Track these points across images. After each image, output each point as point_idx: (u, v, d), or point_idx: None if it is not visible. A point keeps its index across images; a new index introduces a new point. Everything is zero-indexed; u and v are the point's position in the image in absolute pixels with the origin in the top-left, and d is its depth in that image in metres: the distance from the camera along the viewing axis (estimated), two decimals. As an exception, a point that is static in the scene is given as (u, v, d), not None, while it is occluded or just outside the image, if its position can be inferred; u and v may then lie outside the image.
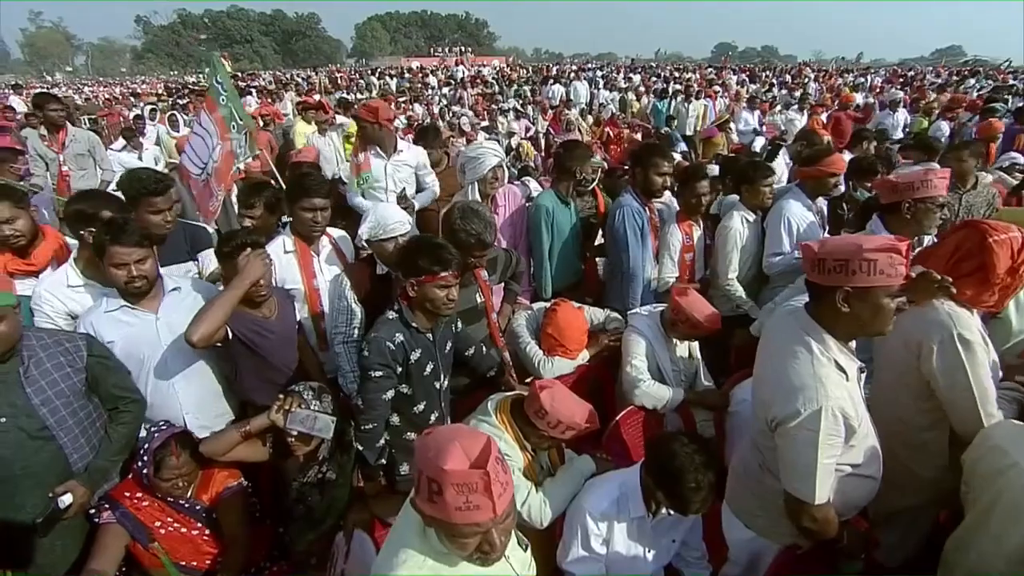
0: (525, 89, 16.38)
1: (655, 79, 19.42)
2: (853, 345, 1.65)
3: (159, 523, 2.02)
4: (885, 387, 2.00)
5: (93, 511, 1.99)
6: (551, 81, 16.46)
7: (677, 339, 2.69)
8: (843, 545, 1.68)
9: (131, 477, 2.06)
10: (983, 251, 1.83)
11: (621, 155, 6.87)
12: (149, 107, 10.56)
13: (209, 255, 2.84)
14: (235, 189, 3.81)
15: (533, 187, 4.27)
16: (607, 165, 5.24)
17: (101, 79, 46.06)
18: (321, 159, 5.90)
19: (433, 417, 2.28)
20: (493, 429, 2.00)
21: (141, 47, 71.22)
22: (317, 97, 11.47)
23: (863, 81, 17.66)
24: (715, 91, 13.69)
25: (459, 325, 2.40)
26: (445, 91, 16.62)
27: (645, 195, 3.14)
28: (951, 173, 2.68)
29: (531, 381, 2.48)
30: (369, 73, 22.99)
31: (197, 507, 2.08)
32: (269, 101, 12.29)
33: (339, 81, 20.18)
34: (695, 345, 2.81)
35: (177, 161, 6.62)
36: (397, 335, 2.05)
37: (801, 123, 8.22)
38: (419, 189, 3.84)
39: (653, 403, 2.51)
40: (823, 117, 8.99)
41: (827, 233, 3.38)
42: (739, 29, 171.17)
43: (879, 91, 15.67)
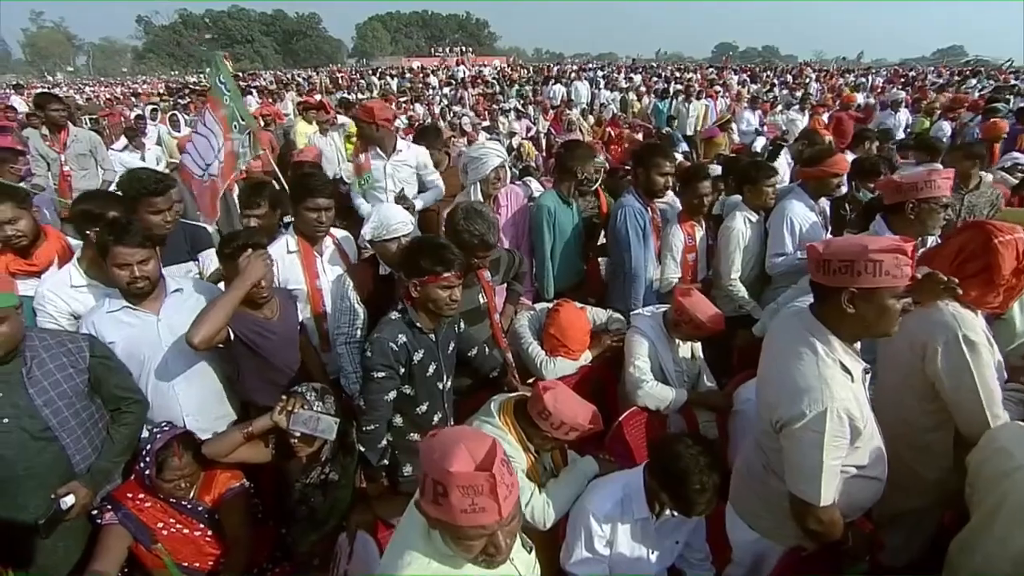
0: (526, 89, 16.37)
1: (656, 79, 19.41)
2: (858, 346, 1.65)
3: (161, 524, 2.01)
4: (889, 388, 2.00)
5: (95, 512, 1.98)
6: (552, 81, 16.46)
7: (680, 340, 2.68)
8: (848, 547, 1.68)
9: (133, 478, 2.05)
10: (988, 252, 1.83)
11: (622, 155, 6.86)
12: (150, 107, 10.56)
13: (210, 255, 2.84)
14: (236, 189, 3.80)
15: (535, 187, 4.26)
16: (608, 165, 5.23)
17: (102, 79, 46.11)
18: (322, 159, 5.91)
19: (436, 418, 2.27)
20: (496, 430, 2.00)
21: (142, 47, 71.26)
22: (318, 97, 11.48)
23: (864, 81, 17.62)
24: (716, 91, 13.68)
25: (462, 325, 2.40)
26: (446, 91, 16.61)
27: (647, 195, 3.13)
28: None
29: (533, 382, 2.48)
30: (370, 73, 23.02)
31: (199, 508, 2.08)
32: (270, 101, 12.30)
33: (340, 81, 20.20)
34: (698, 346, 2.81)
35: (178, 161, 6.66)
36: (400, 336, 2.05)
37: (802, 123, 8.19)
38: (423, 189, 3.84)
39: (656, 404, 2.51)
40: (824, 117, 8.98)
41: (829, 234, 3.38)
42: (739, 29, 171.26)
43: (880, 91, 15.65)
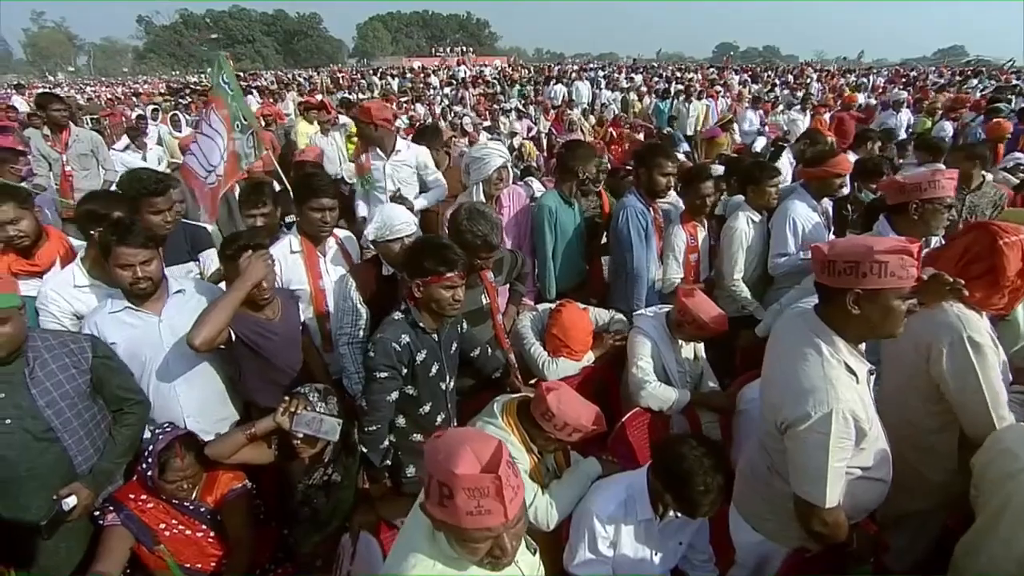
0: (528, 89, 16.36)
1: (657, 79, 19.40)
2: (863, 347, 1.64)
3: (164, 525, 2.01)
4: (894, 390, 1.99)
5: (97, 513, 1.98)
6: (553, 81, 16.46)
7: (683, 340, 2.67)
8: (852, 549, 1.67)
9: (135, 479, 2.05)
10: (993, 253, 1.82)
11: (623, 155, 6.86)
12: (151, 107, 10.56)
13: (210, 255, 2.84)
14: (236, 189, 3.79)
15: (536, 187, 4.26)
16: (609, 165, 5.22)
17: (103, 79, 46.17)
18: (324, 159, 5.91)
19: (439, 419, 2.27)
20: (499, 431, 1.99)
21: (143, 47, 71.32)
22: (319, 97, 11.48)
23: (865, 81, 17.59)
24: (716, 91, 13.68)
25: (464, 326, 2.39)
26: (447, 91, 16.59)
27: (649, 195, 3.12)
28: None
29: (536, 383, 2.47)
30: (371, 73, 23.01)
31: (202, 509, 2.08)
32: (271, 101, 12.30)
33: (341, 81, 20.19)
34: (700, 346, 2.80)
35: (179, 161, 6.65)
36: (403, 336, 2.04)
37: (804, 123, 8.17)
38: (424, 189, 3.83)
39: (659, 404, 2.50)
40: (826, 117, 8.97)
41: (832, 234, 3.37)
42: (740, 29, 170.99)
43: (882, 91, 15.64)
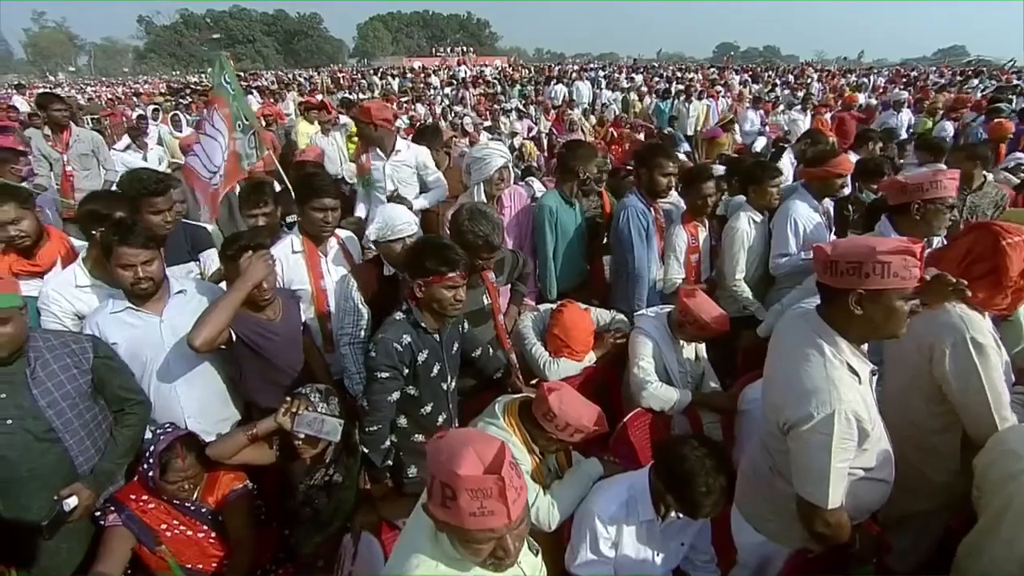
0: (528, 89, 16.35)
1: (658, 79, 19.39)
2: (865, 348, 1.64)
3: (165, 526, 2.01)
4: (896, 390, 1.99)
5: (99, 513, 1.98)
6: (554, 81, 16.46)
7: (684, 340, 2.67)
8: (855, 549, 1.66)
9: (137, 479, 2.05)
10: (996, 254, 1.82)
11: (623, 155, 6.85)
12: (152, 107, 10.56)
13: (211, 255, 2.83)
14: (236, 189, 3.79)
15: (537, 187, 4.25)
16: (610, 165, 5.22)
17: (104, 79, 46.18)
18: (325, 159, 5.91)
19: (441, 419, 2.27)
20: (501, 432, 1.99)
21: (143, 47, 71.38)
22: (320, 97, 11.48)
23: (866, 81, 17.57)
24: (717, 91, 13.67)
25: (466, 326, 2.39)
26: (447, 91, 16.59)
27: (650, 196, 3.12)
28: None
29: (537, 383, 2.47)
30: (371, 73, 23.01)
31: (203, 510, 2.08)
32: (271, 101, 12.30)
33: (341, 81, 20.19)
34: (702, 347, 2.80)
35: (179, 161, 6.65)
36: (405, 336, 2.04)
37: (804, 123, 8.16)
38: (424, 189, 3.83)
39: (661, 405, 2.50)
40: (827, 117, 8.96)
41: (833, 234, 3.36)
42: (740, 29, 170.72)
43: (882, 91, 15.63)
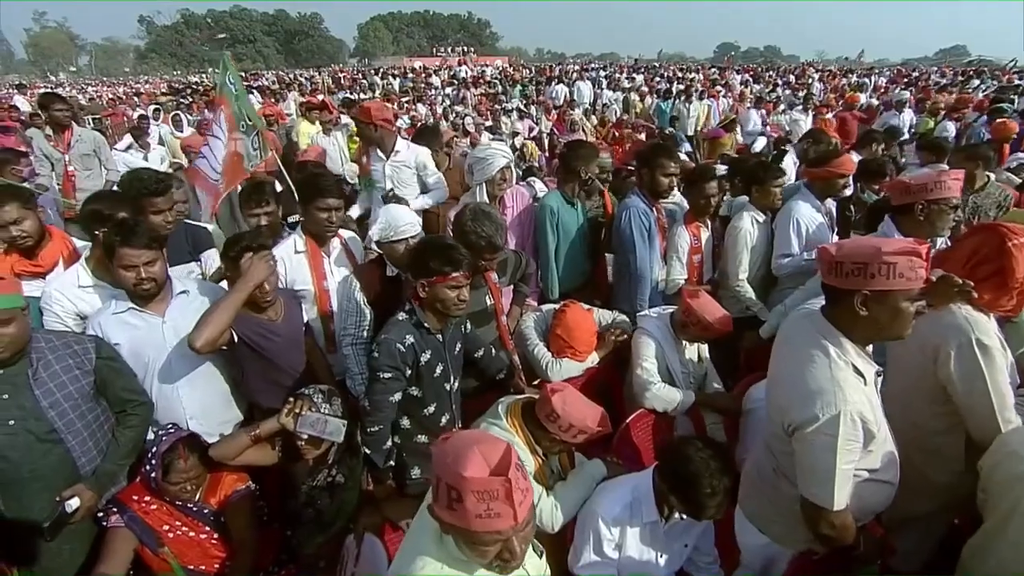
0: (529, 89, 16.35)
1: (659, 79, 19.38)
2: (870, 349, 1.63)
3: (167, 527, 2.01)
4: (900, 391, 1.98)
5: (101, 515, 1.98)
6: (555, 81, 16.46)
7: (687, 341, 2.67)
8: (859, 551, 1.66)
9: (139, 481, 2.04)
10: (1002, 255, 1.81)
11: (624, 156, 6.84)
12: (153, 107, 10.56)
13: (211, 255, 2.83)
14: (238, 188, 3.78)
15: (539, 187, 4.24)
16: (613, 166, 5.21)
17: (105, 79, 46.13)
18: (326, 159, 5.90)
19: (444, 420, 2.26)
20: (504, 433, 1.98)
21: (144, 47, 71.37)
22: (321, 97, 11.48)
23: (867, 82, 17.56)
24: (718, 91, 13.66)
25: (468, 326, 2.39)
26: (448, 91, 16.59)
27: (652, 196, 3.11)
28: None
29: (540, 383, 2.47)
30: (372, 73, 23.02)
31: (205, 511, 2.07)
32: (272, 101, 12.31)
33: (342, 81, 20.20)
34: (704, 347, 2.80)
35: (181, 161, 6.65)
36: (407, 336, 2.04)
37: (805, 124, 8.14)
38: (425, 189, 3.82)
39: (664, 406, 2.49)
40: (828, 117, 8.94)
41: (835, 235, 3.36)
42: (741, 29, 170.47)
43: (883, 91, 15.62)
